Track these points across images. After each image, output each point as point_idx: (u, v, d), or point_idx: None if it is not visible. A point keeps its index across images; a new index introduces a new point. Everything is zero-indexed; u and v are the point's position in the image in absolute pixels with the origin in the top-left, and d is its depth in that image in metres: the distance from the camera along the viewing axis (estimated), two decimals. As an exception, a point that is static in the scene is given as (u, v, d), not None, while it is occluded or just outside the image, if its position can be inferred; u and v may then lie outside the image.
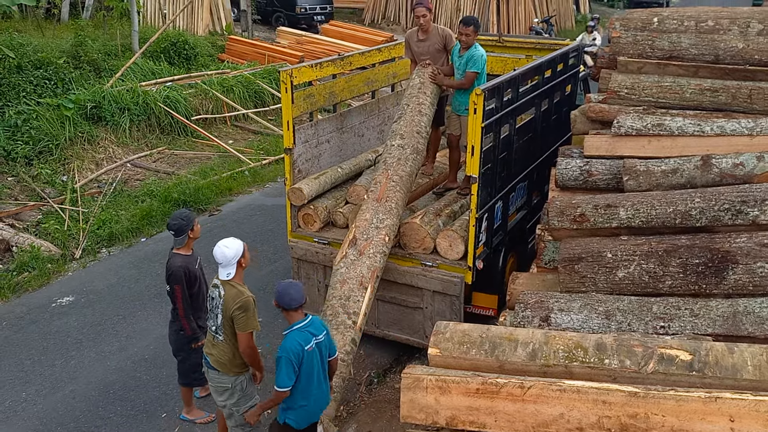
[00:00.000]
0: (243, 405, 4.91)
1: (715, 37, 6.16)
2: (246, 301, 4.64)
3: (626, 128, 5.65)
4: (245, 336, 4.67)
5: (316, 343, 4.51)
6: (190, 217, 5.37)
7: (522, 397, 3.68)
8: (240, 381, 4.86)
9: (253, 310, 4.68)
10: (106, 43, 14.14)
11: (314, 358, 4.51)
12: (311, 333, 4.49)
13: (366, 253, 5.79)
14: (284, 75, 6.46)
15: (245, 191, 10.91)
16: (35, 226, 9.13)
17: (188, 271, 5.34)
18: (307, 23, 21.19)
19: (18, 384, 6.36)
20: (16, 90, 11.20)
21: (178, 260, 5.33)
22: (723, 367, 3.68)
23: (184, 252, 5.39)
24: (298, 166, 6.85)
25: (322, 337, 4.56)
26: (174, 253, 5.40)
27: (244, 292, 4.68)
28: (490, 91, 5.92)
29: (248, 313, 4.64)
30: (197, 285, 5.46)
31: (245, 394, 4.91)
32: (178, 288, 5.32)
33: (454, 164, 7.28)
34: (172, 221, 5.35)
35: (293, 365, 4.40)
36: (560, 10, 25.37)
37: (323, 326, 4.63)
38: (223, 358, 4.81)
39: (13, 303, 7.71)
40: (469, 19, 6.67)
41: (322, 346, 4.57)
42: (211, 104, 13.28)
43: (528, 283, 5.38)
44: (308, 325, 4.51)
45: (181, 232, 5.31)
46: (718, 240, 4.63)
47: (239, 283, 4.73)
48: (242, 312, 4.62)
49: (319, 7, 21.47)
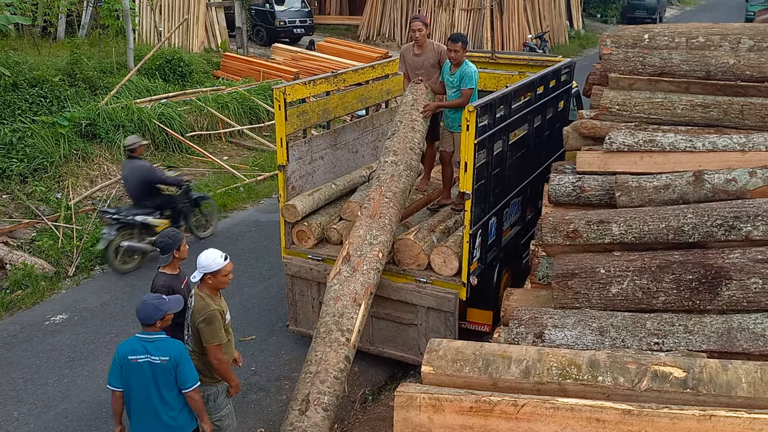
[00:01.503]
0: (214, 414, 4.94)
1: (706, 53, 6.20)
2: (210, 315, 4.68)
3: (618, 144, 5.67)
4: (212, 348, 4.73)
5: (150, 362, 4.46)
6: (178, 237, 5.33)
7: (516, 415, 3.66)
8: (212, 392, 4.92)
9: (218, 323, 4.71)
10: (102, 61, 14.18)
11: (138, 374, 4.47)
12: (146, 349, 4.47)
13: (360, 269, 5.77)
14: (277, 92, 6.48)
15: (240, 207, 10.90)
16: (29, 244, 9.09)
17: (172, 290, 5.22)
18: (288, 36, 21.22)
19: (10, 403, 6.31)
20: (11, 108, 11.22)
21: (161, 279, 5.26)
22: (717, 385, 3.67)
23: (170, 271, 5.33)
24: (292, 182, 6.85)
25: (160, 361, 4.45)
26: (159, 272, 5.34)
27: (210, 305, 4.72)
28: (483, 108, 5.94)
29: (212, 326, 4.68)
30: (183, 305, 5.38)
31: (216, 405, 4.97)
32: None
33: (447, 181, 7.29)
34: (158, 239, 5.35)
35: (116, 367, 4.53)
36: (554, 26, 25.56)
37: (176, 354, 4.48)
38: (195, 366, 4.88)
39: (6, 321, 7.67)
40: (456, 36, 6.70)
41: (157, 370, 4.46)
42: (206, 121, 13.30)
43: (522, 299, 5.37)
44: (151, 341, 4.50)
45: (167, 251, 5.27)
46: (712, 256, 4.63)
47: (209, 294, 4.78)
48: (206, 325, 4.68)
49: (299, 20, 21.48)
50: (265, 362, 6.93)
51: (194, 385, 4.56)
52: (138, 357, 4.50)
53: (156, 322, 4.54)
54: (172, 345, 4.55)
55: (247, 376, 6.68)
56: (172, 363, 4.48)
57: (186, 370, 4.53)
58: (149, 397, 4.53)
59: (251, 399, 6.38)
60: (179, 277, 5.39)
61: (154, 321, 4.53)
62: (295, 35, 21.38)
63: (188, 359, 4.57)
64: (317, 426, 5.05)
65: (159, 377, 4.50)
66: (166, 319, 4.60)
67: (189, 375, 4.53)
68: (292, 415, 5.13)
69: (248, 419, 6.09)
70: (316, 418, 5.07)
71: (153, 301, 4.58)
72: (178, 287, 5.32)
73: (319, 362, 5.32)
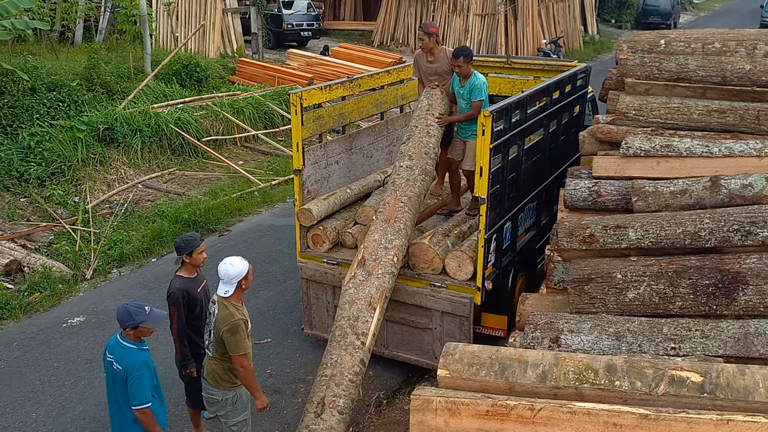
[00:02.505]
0: (230, 419, 5.07)
1: (723, 58, 6.19)
2: (234, 325, 4.73)
3: (635, 149, 5.67)
4: (237, 357, 4.80)
5: (113, 364, 4.57)
6: (191, 242, 5.31)
7: (532, 419, 3.66)
8: (230, 396, 5.02)
9: (242, 333, 4.77)
10: (119, 66, 14.34)
11: (108, 370, 4.65)
12: (114, 351, 4.59)
13: (375, 273, 5.80)
14: (294, 97, 6.53)
15: (255, 212, 10.97)
16: (47, 247, 9.20)
17: (187, 294, 5.29)
18: (295, 39, 21.49)
19: (28, 404, 6.38)
20: (29, 112, 11.37)
21: (177, 283, 5.30)
22: (734, 389, 3.66)
23: (186, 274, 5.37)
24: (308, 186, 6.89)
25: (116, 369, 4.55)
26: (176, 274, 5.39)
27: (235, 315, 4.77)
28: (499, 113, 5.96)
29: (237, 336, 4.74)
30: (198, 308, 5.41)
31: (234, 408, 5.06)
32: (174, 310, 5.29)
33: (455, 188, 7.29)
34: (177, 240, 5.41)
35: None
36: (568, 32, 25.52)
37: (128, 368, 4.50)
38: (214, 371, 4.99)
39: (24, 323, 7.76)
40: (458, 51, 6.65)
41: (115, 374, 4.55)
42: (222, 126, 13.40)
43: (537, 304, 5.37)
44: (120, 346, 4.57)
45: (178, 253, 5.31)
46: (728, 261, 4.61)
47: (234, 303, 4.84)
48: (231, 335, 4.74)
49: (306, 24, 21.80)
50: (280, 365, 6.96)
51: (140, 405, 4.50)
52: (108, 355, 4.64)
53: (127, 328, 4.54)
54: (130, 357, 4.53)
55: (262, 378, 6.71)
56: (122, 375, 4.53)
57: (134, 386, 4.50)
58: (113, 394, 4.68)
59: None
60: (196, 281, 5.43)
61: (125, 327, 4.55)
62: (303, 38, 21.75)
63: (139, 378, 4.49)
64: (332, 429, 5.07)
65: (117, 382, 4.59)
66: (140, 330, 4.56)
67: (135, 392, 4.50)
68: (308, 417, 5.15)
69: (263, 422, 6.12)
70: (332, 421, 5.10)
71: (131, 307, 4.54)
72: (195, 291, 5.37)
73: (335, 365, 5.34)
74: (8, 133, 11.06)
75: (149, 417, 4.57)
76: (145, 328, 4.58)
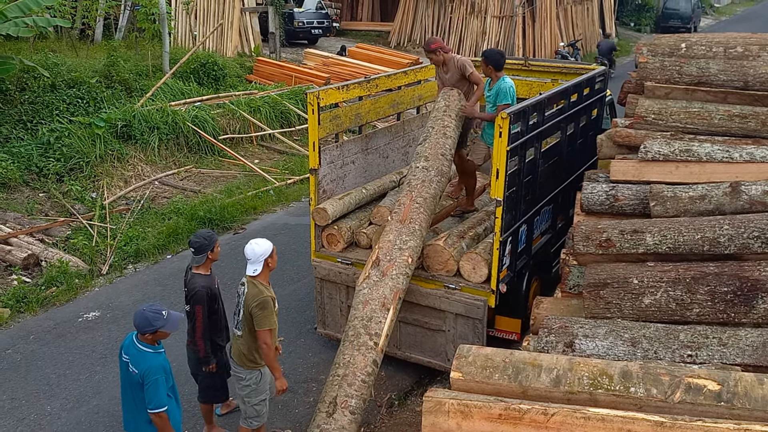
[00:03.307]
0: (253, 398, 5.28)
1: (744, 63, 6.11)
2: (264, 300, 5.01)
3: (653, 153, 5.62)
4: (262, 333, 5.03)
5: (128, 366, 4.59)
6: (212, 238, 5.40)
7: (545, 424, 3.64)
8: (254, 375, 5.23)
9: (271, 308, 5.04)
10: (138, 64, 14.45)
11: (123, 370, 4.67)
12: (130, 353, 4.59)
13: (389, 274, 5.79)
14: (311, 97, 6.54)
15: (270, 210, 11.00)
16: (64, 242, 9.28)
17: (210, 291, 5.38)
18: (306, 37, 21.64)
19: (43, 398, 6.43)
20: (49, 108, 11.49)
21: (201, 281, 5.36)
22: (753, 399, 3.61)
23: (204, 272, 5.42)
24: (323, 186, 6.90)
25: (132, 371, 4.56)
26: (195, 273, 5.42)
27: (264, 292, 5.05)
28: (516, 115, 5.93)
29: (265, 312, 5.00)
30: (217, 304, 5.51)
31: (257, 389, 5.27)
32: (200, 308, 5.34)
33: (471, 190, 7.26)
34: (194, 239, 5.41)
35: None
36: (586, 34, 25.37)
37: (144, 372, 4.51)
38: (240, 351, 5.21)
39: (41, 317, 7.83)
40: (483, 54, 6.84)
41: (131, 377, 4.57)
42: (239, 124, 13.46)
43: (552, 308, 5.34)
44: (136, 348, 4.57)
45: (201, 251, 5.35)
46: (748, 268, 4.56)
47: (262, 282, 5.11)
48: (260, 310, 5.00)
49: (317, 21, 22.01)
50: (292, 364, 6.97)
51: (156, 409, 4.52)
52: (124, 356, 4.64)
53: (146, 334, 4.55)
54: (146, 362, 4.53)
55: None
56: (138, 379, 4.54)
57: (150, 390, 4.51)
58: (128, 394, 4.70)
59: (278, 400, 6.41)
60: (212, 278, 5.48)
61: (144, 333, 4.55)
62: (313, 36, 21.99)
63: (155, 382, 4.50)
64: (344, 429, 5.06)
65: (133, 384, 4.61)
66: (159, 335, 4.57)
67: (151, 396, 4.51)
68: (320, 417, 5.15)
69: (275, 420, 6.13)
70: (343, 420, 5.09)
71: (148, 313, 4.53)
72: (214, 288, 5.43)
73: (347, 365, 5.34)
74: (28, 128, 11.19)
75: (165, 421, 4.59)
76: (164, 333, 4.58)
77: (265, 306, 5.00)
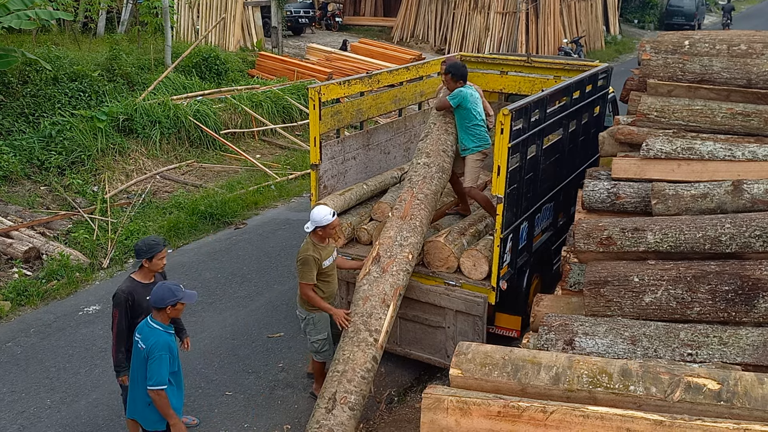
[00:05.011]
0: (312, 336, 5.93)
1: (748, 61, 6.09)
2: (305, 257, 5.64)
3: (655, 151, 5.60)
4: (301, 285, 5.73)
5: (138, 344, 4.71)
6: (154, 248, 5.10)
7: (544, 421, 3.63)
8: (311, 316, 5.85)
9: (310, 265, 5.61)
10: (140, 57, 14.42)
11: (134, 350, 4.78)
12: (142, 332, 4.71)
13: (389, 270, 5.78)
14: (312, 92, 6.52)
15: (271, 205, 10.99)
16: (65, 235, 9.28)
17: (132, 298, 5.08)
18: (292, 27, 21.93)
19: (43, 391, 6.44)
20: (51, 101, 11.47)
21: (125, 284, 5.14)
22: (752, 398, 3.60)
23: (140, 278, 5.16)
24: (324, 181, 6.89)
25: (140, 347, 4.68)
26: (129, 276, 5.23)
27: (309, 249, 5.66)
28: (518, 112, 5.91)
29: (304, 267, 5.65)
30: (143, 316, 5.01)
31: (315, 328, 5.90)
32: (115, 312, 5.12)
33: (462, 195, 7.18)
34: (138, 242, 5.21)
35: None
36: (590, 31, 25.28)
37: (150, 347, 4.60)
38: (298, 294, 5.90)
39: (42, 310, 7.83)
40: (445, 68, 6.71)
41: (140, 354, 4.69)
42: (240, 119, 13.44)
43: (552, 306, 5.33)
44: (149, 327, 4.69)
45: (138, 256, 5.13)
46: (749, 267, 4.54)
47: (314, 241, 5.70)
48: (300, 265, 5.69)
49: (303, 11, 22.64)
50: (292, 359, 6.97)
51: (156, 386, 4.57)
52: (137, 335, 4.75)
53: (167, 306, 4.62)
54: (154, 338, 4.62)
55: (274, 372, 6.74)
56: (144, 354, 4.63)
57: (153, 366, 4.57)
58: (135, 373, 4.79)
59: (278, 395, 6.43)
60: (149, 287, 5.04)
61: (165, 304, 4.62)
62: (299, 25, 22.56)
63: (159, 358, 4.56)
64: (343, 425, 5.07)
65: (139, 361, 4.69)
66: (178, 308, 4.69)
67: (153, 372, 4.58)
68: (319, 413, 5.16)
69: (275, 415, 6.14)
70: (343, 416, 5.10)
71: (170, 285, 4.69)
72: (142, 297, 5.07)
73: (347, 361, 5.35)
74: (30, 121, 11.18)
75: (163, 399, 4.63)
76: (182, 305, 4.72)
77: (305, 263, 5.62)
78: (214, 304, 7.92)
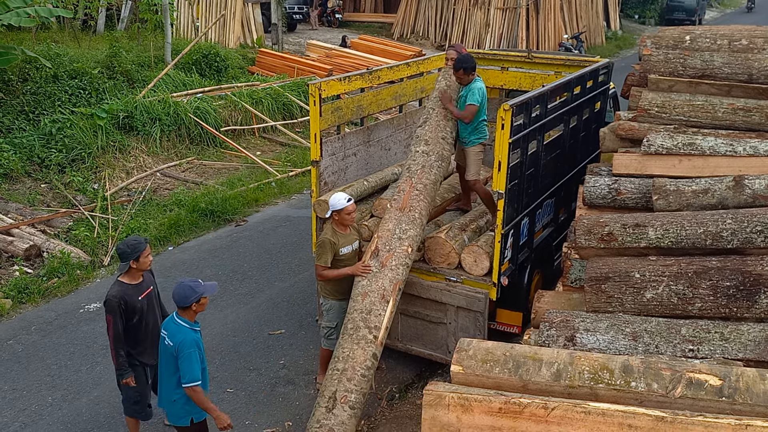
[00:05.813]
0: (324, 321, 6.18)
1: (749, 56, 6.07)
2: (322, 240, 5.88)
3: (656, 147, 5.58)
4: (316, 265, 5.90)
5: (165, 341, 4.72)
6: (137, 247, 5.06)
7: (546, 418, 3.62)
8: (330, 303, 6.07)
9: (326, 248, 5.80)
10: (140, 55, 14.40)
11: (161, 347, 4.77)
12: (169, 329, 4.72)
13: (388, 265, 5.75)
14: (313, 88, 6.50)
15: (272, 202, 10.99)
16: (66, 233, 9.28)
17: (125, 302, 5.06)
18: (287, 23, 21.97)
19: (44, 388, 6.44)
20: (51, 99, 11.47)
21: (115, 289, 5.10)
22: (754, 394, 3.59)
23: (128, 280, 5.13)
24: (325, 178, 6.87)
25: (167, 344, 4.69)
26: (116, 280, 5.18)
27: (327, 233, 5.87)
28: (519, 107, 5.89)
29: (320, 250, 5.86)
30: (137, 317, 5.16)
31: (327, 314, 6.11)
32: (109, 318, 5.09)
33: (465, 190, 7.17)
34: (120, 245, 5.15)
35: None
36: (590, 27, 25.24)
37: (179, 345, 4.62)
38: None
39: (43, 308, 7.84)
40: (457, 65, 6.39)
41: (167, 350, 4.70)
42: (241, 116, 13.43)
43: (553, 302, 5.31)
44: (175, 324, 4.70)
45: (124, 259, 5.06)
46: (750, 263, 4.53)
47: (333, 226, 5.89)
48: (318, 247, 5.92)
49: (297, 7, 23.22)
50: (293, 356, 6.97)
51: (190, 383, 4.59)
52: (163, 331, 4.75)
53: (191, 304, 4.63)
54: (182, 335, 4.62)
55: (275, 369, 6.74)
56: (173, 351, 4.64)
57: (184, 364, 4.59)
58: (163, 369, 4.80)
59: (279, 392, 6.43)
60: (139, 288, 5.16)
61: (189, 303, 4.62)
62: (294, 21, 22.88)
63: (188, 356, 4.58)
64: (344, 424, 5.06)
65: (167, 357, 4.70)
66: (202, 303, 4.69)
67: (186, 370, 4.60)
68: (319, 412, 5.14)
69: (276, 412, 6.14)
70: (343, 416, 5.09)
71: (188, 283, 4.68)
72: (134, 298, 5.10)
73: (347, 359, 5.32)
74: (30, 119, 11.18)
75: (199, 394, 4.66)
76: (206, 299, 4.72)
77: (320, 245, 5.86)
78: (215, 301, 7.92)
